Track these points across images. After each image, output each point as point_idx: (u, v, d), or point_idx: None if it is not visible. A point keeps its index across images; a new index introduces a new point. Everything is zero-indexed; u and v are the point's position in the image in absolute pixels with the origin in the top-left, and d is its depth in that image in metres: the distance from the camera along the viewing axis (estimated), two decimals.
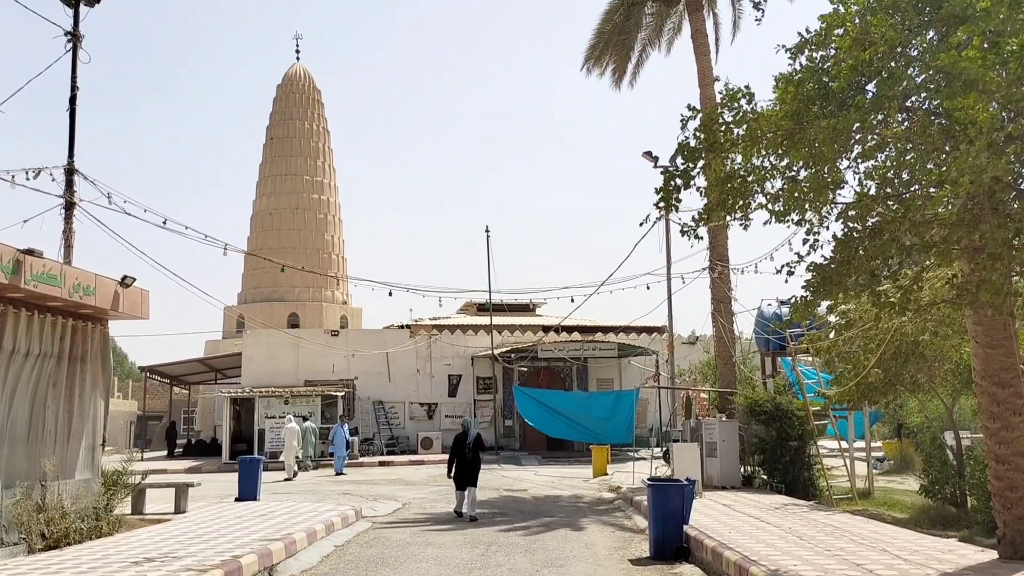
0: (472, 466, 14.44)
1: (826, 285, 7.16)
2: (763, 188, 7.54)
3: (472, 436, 14.58)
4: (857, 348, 13.97)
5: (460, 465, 14.46)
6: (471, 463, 14.43)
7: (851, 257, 6.94)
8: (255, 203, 52.04)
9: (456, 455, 14.55)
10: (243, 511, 14.58)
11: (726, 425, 17.35)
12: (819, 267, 7.26)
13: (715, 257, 19.71)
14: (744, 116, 7.30)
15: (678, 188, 7.71)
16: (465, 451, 14.45)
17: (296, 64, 54.30)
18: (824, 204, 7.15)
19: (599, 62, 24.16)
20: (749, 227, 8.38)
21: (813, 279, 7.26)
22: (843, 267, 7.03)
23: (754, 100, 7.33)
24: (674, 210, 7.77)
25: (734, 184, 7.54)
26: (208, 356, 39.08)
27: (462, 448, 14.52)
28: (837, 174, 7.17)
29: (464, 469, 14.43)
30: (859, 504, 15.94)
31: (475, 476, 14.50)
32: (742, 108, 7.35)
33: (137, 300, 12.69)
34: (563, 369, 33.72)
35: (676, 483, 10.92)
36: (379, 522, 14.43)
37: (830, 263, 7.17)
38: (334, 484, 22.34)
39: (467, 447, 14.48)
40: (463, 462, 14.44)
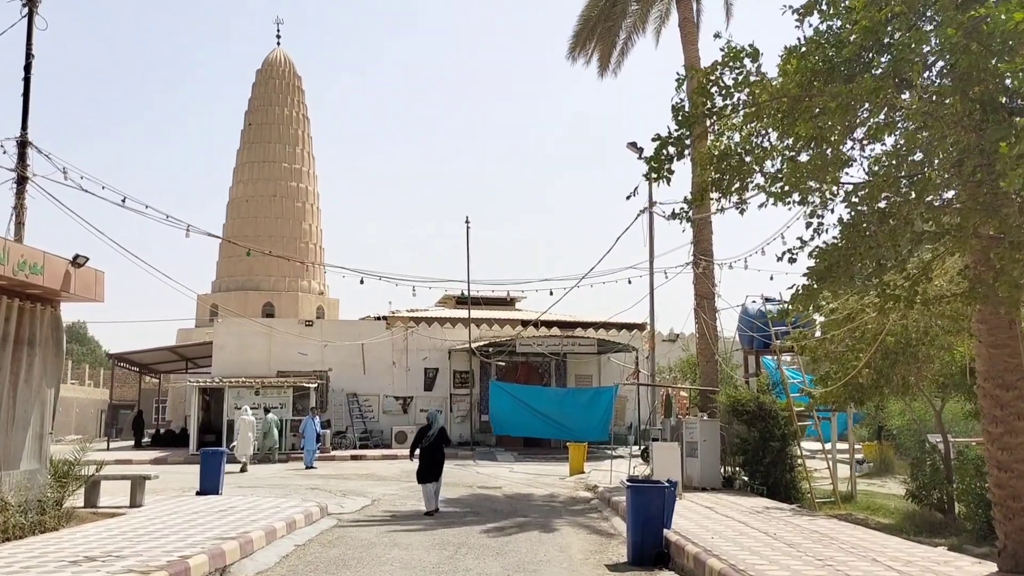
0: (432, 459, 14.23)
1: (831, 272, 6.58)
2: (762, 167, 6.93)
3: (435, 429, 14.41)
4: (844, 347, 13.49)
5: (422, 458, 14.28)
6: (431, 455, 14.22)
7: (858, 243, 6.36)
8: (231, 190, 51.13)
9: (416, 445, 14.46)
10: (202, 506, 13.89)
11: (707, 424, 16.84)
12: (824, 252, 6.67)
13: (699, 252, 19.19)
14: (747, 78, 6.66)
15: (670, 157, 7.08)
16: (424, 442, 14.29)
17: (276, 49, 53.40)
18: (833, 183, 6.55)
19: (584, 49, 23.57)
20: (746, 211, 7.79)
21: (817, 265, 6.68)
22: (850, 253, 6.45)
23: (759, 59, 6.71)
24: (666, 182, 7.15)
25: (731, 163, 6.92)
26: (178, 344, 38.14)
27: (421, 440, 14.41)
28: (841, 155, 6.58)
29: (426, 462, 14.23)
30: (842, 508, 15.51)
31: (439, 469, 14.31)
32: (746, 68, 6.72)
33: (90, 281, 11.96)
34: (541, 364, 33.15)
35: (657, 485, 10.36)
36: (345, 520, 13.79)
37: (836, 248, 6.59)
38: (303, 478, 21.66)
39: (427, 439, 14.31)
40: (424, 453, 14.26)
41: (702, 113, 6.83)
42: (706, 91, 6.78)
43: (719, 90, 6.72)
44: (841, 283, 6.73)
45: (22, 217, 12.67)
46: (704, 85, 6.79)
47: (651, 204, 20.08)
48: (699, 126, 7.09)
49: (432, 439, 14.40)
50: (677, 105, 6.93)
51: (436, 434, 14.45)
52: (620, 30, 23.27)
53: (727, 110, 6.77)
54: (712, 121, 6.92)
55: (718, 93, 6.72)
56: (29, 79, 13.01)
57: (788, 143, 6.79)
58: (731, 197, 7.38)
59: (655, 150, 7.09)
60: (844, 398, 13.68)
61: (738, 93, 6.68)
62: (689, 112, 6.88)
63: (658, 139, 6.95)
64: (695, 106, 6.88)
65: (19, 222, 12.65)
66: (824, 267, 6.54)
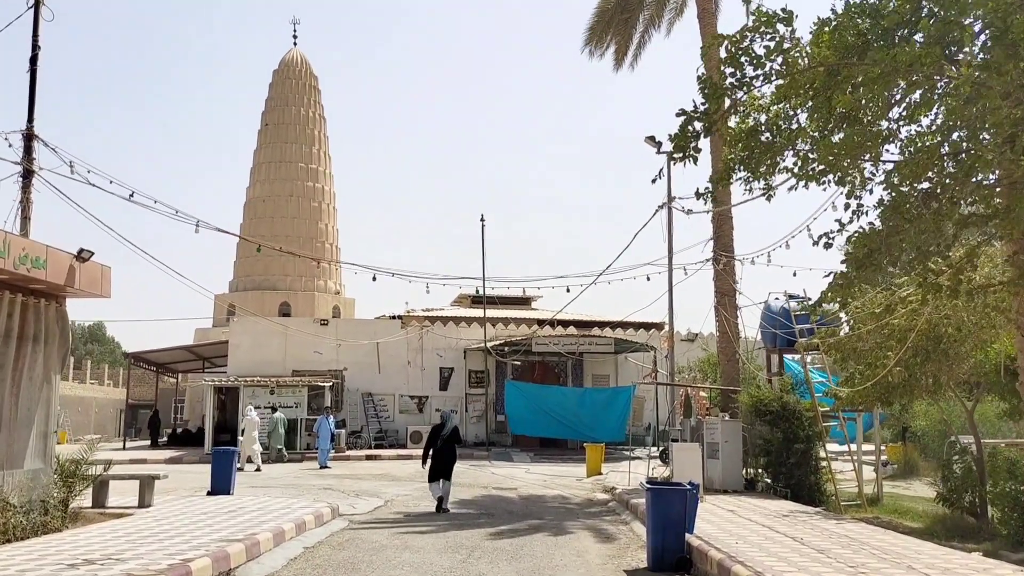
0: (444, 458, 14.22)
1: (871, 259, 6.12)
2: (794, 146, 6.48)
3: (448, 428, 14.38)
4: (872, 345, 13.02)
5: (433, 456, 14.25)
6: (443, 454, 14.20)
7: (900, 227, 5.89)
8: (248, 190, 51.08)
9: (430, 445, 14.40)
10: (211, 506, 13.60)
11: (729, 425, 16.37)
12: (864, 237, 6.21)
13: (719, 247, 18.73)
14: (780, 44, 6.18)
15: (697, 134, 6.64)
16: (437, 442, 14.24)
17: (293, 49, 53.32)
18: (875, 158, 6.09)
19: (600, 42, 23.15)
20: (773, 197, 7.34)
21: (855, 251, 6.23)
22: (891, 238, 5.99)
23: (794, 23, 6.22)
24: (692, 160, 6.72)
25: (760, 141, 6.47)
26: (195, 344, 38.04)
27: (435, 440, 14.36)
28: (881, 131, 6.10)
29: (437, 460, 14.21)
30: (868, 511, 15.02)
31: (449, 468, 14.30)
32: (779, 34, 6.26)
33: (96, 276, 11.69)
34: (558, 364, 32.75)
35: (678, 487, 9.94)
36: (356, 521, 13.45)
37: (876, 233, 6.13)
38: (317, 478, 21.38)
39: (440, 438, 14.28)
40: (436, 453, 14.22)
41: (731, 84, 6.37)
42: (736, 60, 6.33)
43: (749, 59, 6.26)
44: (881, 271, 6.28)
45: (28, 212, 12.43)
46: (734, 54, 6.33)
47: (670, 199, 19.66)
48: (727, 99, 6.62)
49: (445, 439, 14.35)
50: (704, 77, 6.48)
51: (449, 433, 14.41)
52: (637, 22, 22.85)
53: (758, 80, 6.31)
54: (742, 93, 6.46)
55: (748, 62, 6.27)
56: (35, 71, 12.79)
57: (820, 121, 6.31)
58: (759, 180, 6.92)
59: (680, 126, 6.65)
60: (873, 398, 13.19)
61: (770, 62, 6.22)
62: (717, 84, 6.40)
63: (683, 114, 6.52)
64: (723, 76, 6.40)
65: (25, 216, 12.41)
66: (864, 253, 6.08)
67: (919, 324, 10.84)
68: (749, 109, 6.66)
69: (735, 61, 6.34)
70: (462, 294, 40.48)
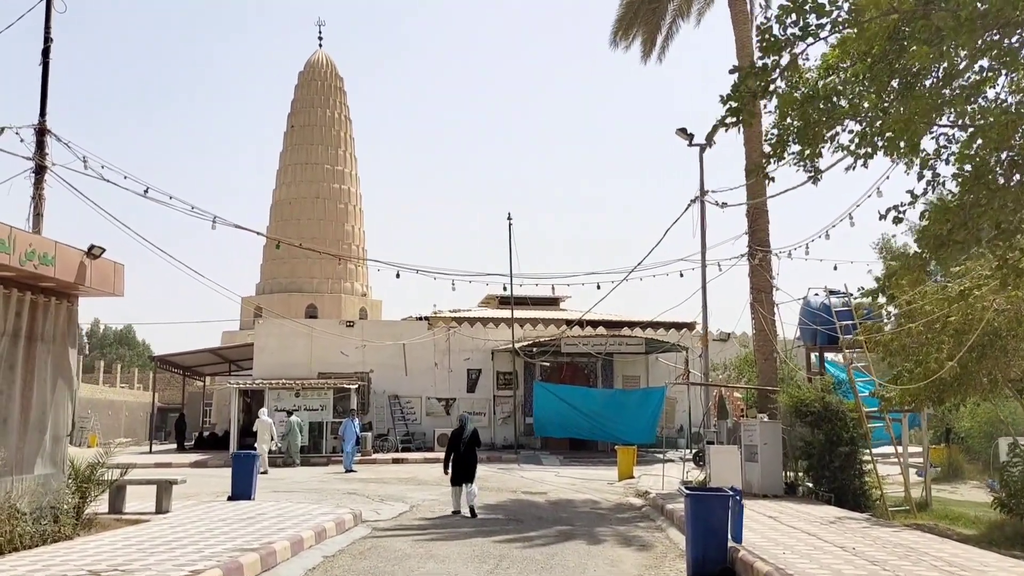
0: (468, 462, 14.16)
1: (952, 237, 5.41)
2: (858, 112, 5.79)
3: (468, 432, 14.30)
4: (924, 341, 12.27)
5: (456, 461, 14.18)
6: (466, 459, 14.14)
7: (980, 200, 5.18)
8: (275, 192, 50.98)
9: (452, 451, 14.29)
10: (230, 512, 13.15)
11: (768, 426, 15.64)
12: (943, 211, 5.49)
13: (755, 242, 18.00)
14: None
15: (754, 93, 5.98)
16: (460, 446, 14.17)
17: (318, 51, 53.18)
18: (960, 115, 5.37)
19: (627, 34, 22.50)
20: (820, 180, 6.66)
21: (931, 228, 5.53)
22: (975, 210, 5.28)
23: None
24: (748, 124, 6.09)
25: (816, 108, 5.79)
26: (220, 347, 37.85)
27: (457, 444, 14.26)
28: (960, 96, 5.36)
29: (460, 465, 14.14)
30: (917, 517, 14.24)
31: (472, 472, 14.19)
32: None
33: (108, 274, 11.28)
34: (587, 365, 32.09)
35: (719, 493, 9.30)
36: (380, 528, 12.93)
37: (959, 207, 5.41)
38: (342, 482, 20.93)
39: (462, 443, 14.20)
40: (458, 458, 14.16)
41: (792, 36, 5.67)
42: (799, 7, 5.63)
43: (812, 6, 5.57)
44: (958, 251, 5.58)
45: (40, 208, 12.07)
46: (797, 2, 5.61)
47: (703, 192, 18.97)
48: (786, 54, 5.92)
49: (467, 443, 14.27)
50: (764, 26, 5.79)
51: (470, 437, 14.33)
52: (665, 13, 22.19)
53: (823, 30, 5.61)
54: (804, 45, 5.74)
55: (811, 10, 5.58)
56: (47, 64, 12.44)
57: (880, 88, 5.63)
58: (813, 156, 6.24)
59: (734, 85, 5.98)
60: (923, 398, 12.43)
61: (836, 9, 5.54)
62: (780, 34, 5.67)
63: (737, 70, 5.86)
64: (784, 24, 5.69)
65: (37, 213, 12.05)
66: (946, 230, 5.35)
67: (987, 315, 10.07)
68: (798, 81, 6.01)
69: (798, 7, 5.62)
70: (490, 295, 39.99)
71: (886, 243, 36.45)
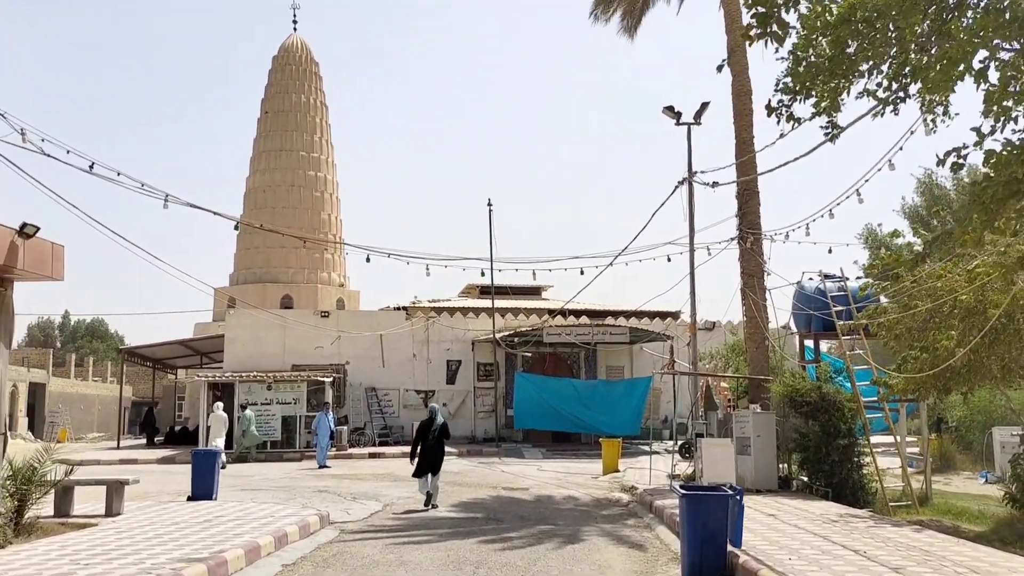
0: (435, 454, 14.00)
1: None
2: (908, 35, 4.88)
3: (438, 423, 14.14)
4: (932, 326, 11.47)
5: (423, 452, 13.96)
6: (434, 450, 13.97)
7: None
8: (248, 180, 49.69)
9: (420, 441, 14.07)
10: (187, 515, 12.17)
11: (761, 418, 14.83)
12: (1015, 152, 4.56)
13: (746, 225, 17.17)
14: None
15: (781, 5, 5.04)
16: (428, 438, 13.96)
17: (293, 35, 51.85)
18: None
19: (607, 6, 21.58)
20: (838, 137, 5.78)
21: (999, 176, 4.61)
22: None
23: None
24: (775, 40, 5.19)
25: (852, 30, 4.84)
26: (190, 338, 36.68)
27: (427, 435, 14.03)
28: None
29: (427, 456, 13.93)
30: (920, 512, 13.48)
31: (439, 464, 14.08)
32: None
33: (46, 256, 10.26)
34: (570, 355, 31.25)
35: (718, 492, 8.44)
36: (349, 530, 11.99)
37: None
38: (314, 479, 19.97)
39: (431, 434, 14.00)
40: (426, 449, 13.95)
41: None
42: None
43: None
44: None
45: None
46: None
47: (691, 173, 18.13)
48: None
49: (436, 434, 14.07)
50: None
51: (439, 428, 14.12)
52: None
53: None
54: None
55: None
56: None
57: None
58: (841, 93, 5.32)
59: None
60: (929, 386, 11.64)
61: None
62: None
63: None
64: None
65: None
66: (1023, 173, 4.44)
67: (1002, 298, 9.28)
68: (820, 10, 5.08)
69: None
70: (470, 285, 39.07)
71: (871, 232, 35.94)
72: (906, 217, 37.26)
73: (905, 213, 37.82)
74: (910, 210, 37.75)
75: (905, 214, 37.74)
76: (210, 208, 14.31)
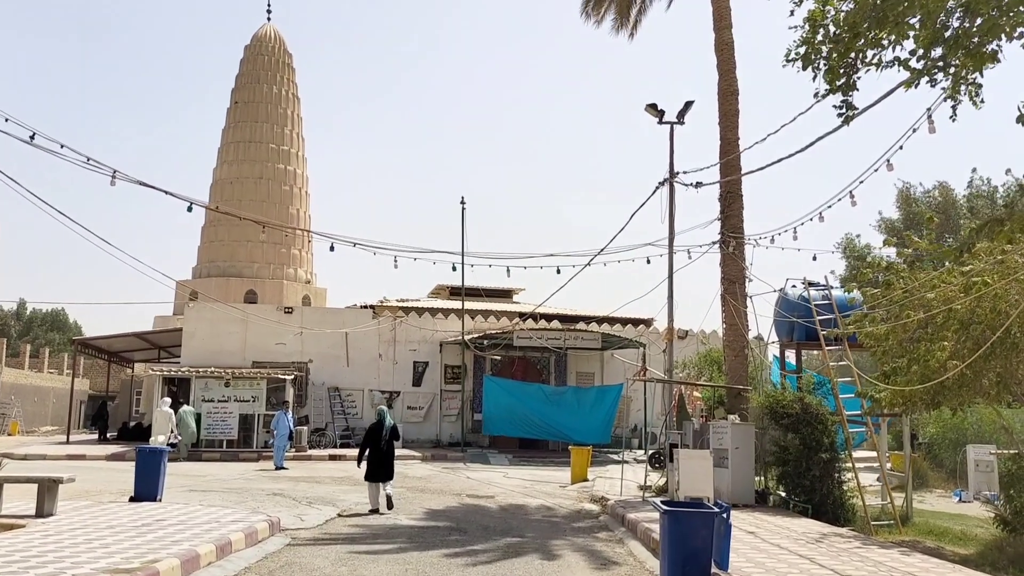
0: (387, 458, 13.76)
1: None
2: None
3: (388, 426, 13.90)
4: (922, 336, 10.92)
5: (375, 457, 13.65)
6: (386, 454, 13.73)
7: None
8: (215, 171, 48.51)
9: (369, 445, 13.77)
10: (125, 517, 11.26)
11: (740, 429, 14.21)
12: None
13: (728, 228, 16.59)
14: None
15: None
16: (380, 442, 13.69)
17: (267, 24, 50.85)
18: None
19: (598, 6, 20.94)
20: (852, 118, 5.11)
21: None
22: None
23: None
24: None
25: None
26: (147, 331, 35.45)
27: (377, 439, 13.75)
28: None
29: (379, 461, 13.66)
30: (902, 532, 12.94)
31: (391, 468, 13.82)
32: None
33: None
34: (540, 360, 30.56)
35: (703, 509, 7.75)
36: (301, 538, 11.15)
37: None
38: (269, 480, 19.05)
39: (382, 438, 13.74)
40: (379, 454, 13.67)
41: None
42: None
43: None
44: None
45: None
46: None
47: (672, 174, 17.50)
48: None
49: (387, 438, 13.82)
50: None
51: (390, 431, 13.90)
52: None
53: None
54: None
55: None
56: None
57: None
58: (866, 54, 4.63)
59: None
60: (918, 400, 11.07)
61: None
62: None
63: None
64: None
65: None
66: None
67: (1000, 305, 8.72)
68: None
69: None
70: (440, 285, 38.25)
71: (849, 242, 35.74)
72: (883, 231, 37.14)
73: (882, 227, 37.70)
74: (887, 224, 37.65)
75: (883, 228, 37.62)
76: (162, 188, 13.37)
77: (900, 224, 36.74)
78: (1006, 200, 30.55)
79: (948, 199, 36.99)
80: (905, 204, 36.61)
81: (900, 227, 36.60)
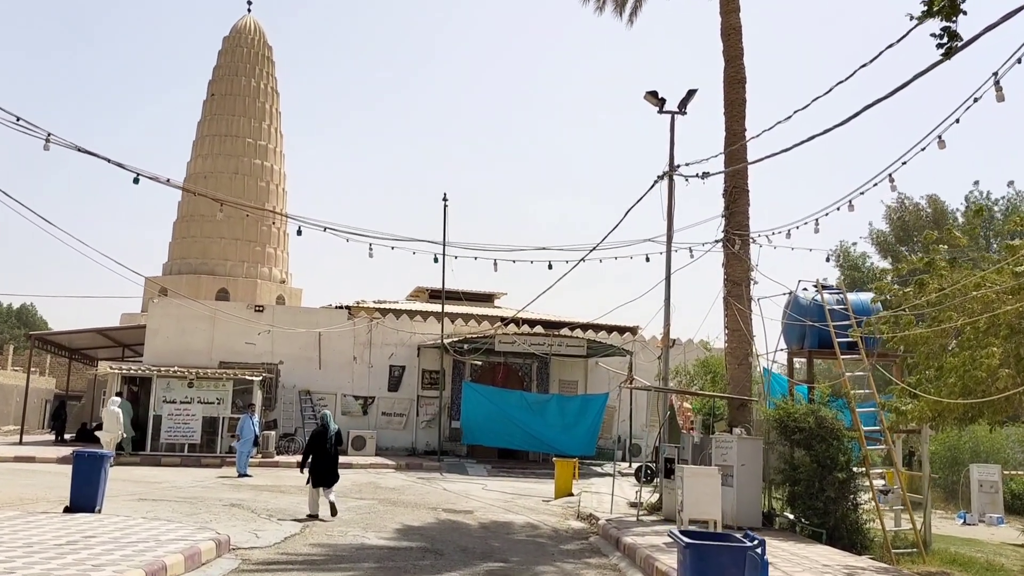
0: (332, 463, 13.61)
1: None
2: None
3: (333, 431, 13.72)
4: (965, 343, 9.69)
5: (320, 462, 13.41)
6: (333, 461, 13.60)
7: None
8: (190, 164, 46.83)
9: (313, 451, 13.55)
10: (51, 532, 9.79)
11: (748, 444, 12.91)
12: None
13: (732, 226, 15.36)
14: None
15: None
16: (327, 447, 13.50)
17: (246, 16, 49.26)
18: None
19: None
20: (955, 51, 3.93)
21: None
22: None
23: None
24: None
25: None
26: (109, 327, 33.75)
27: (322, 444, 13.51)
28: None
29: (326, 467, 13.45)
30: (926, 562, 11.72)
31: (335, 473, 13.66)
32: None
33: None
34: (522, 367, 29.21)
35: (732, 543, 6.43)
36: (254, 560, 9.74)
37: None
38: (230, 489, 17.60)
39: (328, 442, 13.55)
40: (326, 460, 13.45)
41: None
42: None
43: None
44: None
45: None
46: None
47: (672, 167, 16.29)
48: None
49: (332, 444, 13.64)
50: None
51: (335, 437, 13.74)
52: None
53: None
54: None
55: None
56: None
57: None
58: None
59: None
60: (956, 415, 9.85)
61: None
62: None
63: None
64: None
65: None
66: None
67: None
68: None
69: None
70: (419, 287, 36.84)
71: (844, 251, 34.79)
72: (873, 244, 36.30)
73: (872, 239, 36.85)
74: (877, 236, 36.81)
75: (872, 240, 36.77)
76: (103, 156, 11.91)
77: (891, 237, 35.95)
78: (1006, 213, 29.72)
79: (939, 211, 36.21)
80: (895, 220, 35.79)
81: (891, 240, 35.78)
